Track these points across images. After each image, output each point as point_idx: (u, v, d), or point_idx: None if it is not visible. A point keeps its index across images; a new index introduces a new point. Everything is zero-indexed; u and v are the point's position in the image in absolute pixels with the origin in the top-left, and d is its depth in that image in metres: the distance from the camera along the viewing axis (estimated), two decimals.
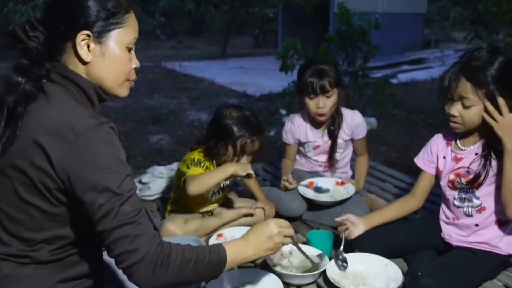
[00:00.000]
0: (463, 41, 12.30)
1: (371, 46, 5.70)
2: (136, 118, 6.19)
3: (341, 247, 1.86)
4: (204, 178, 1.95)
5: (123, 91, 1.29)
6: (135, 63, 1.29)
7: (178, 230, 2.03)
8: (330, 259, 1.87)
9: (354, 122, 2.46)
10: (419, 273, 1.65)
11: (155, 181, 2.66)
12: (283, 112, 6.25)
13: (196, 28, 18.92)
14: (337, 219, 1.96)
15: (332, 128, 2.44)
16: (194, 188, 1.94)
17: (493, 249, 1.78)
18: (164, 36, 18.21)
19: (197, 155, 2.10)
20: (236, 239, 1.37)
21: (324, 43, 5.72)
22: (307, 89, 2.31)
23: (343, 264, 1.81)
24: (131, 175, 1.13)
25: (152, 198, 2.64)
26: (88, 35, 1.18)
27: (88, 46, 1.19)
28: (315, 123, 2.47)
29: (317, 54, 5.77)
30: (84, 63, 1.20)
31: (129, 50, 1.25)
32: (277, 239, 1.35)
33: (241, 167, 1.94)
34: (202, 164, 2.06)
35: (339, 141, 2.47)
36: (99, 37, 1.19)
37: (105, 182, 1.07)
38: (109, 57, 1.21)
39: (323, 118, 2.37)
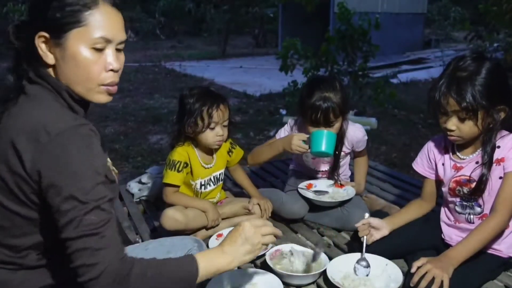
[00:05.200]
0: (463, 40, 12.30)
1: (371, 46, 5.71)
2: (136, 118, 6.18)
3: (363, 253, 1.82)
4: (181, 199, 2.14)
5: (98, 97, 1.18)
6: (111, 65, 1.16)
7: (178, 214, 2.06)
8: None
9: (355, 138, 2.37)
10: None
11: (154, 181, 2.66)
12: (283, 112, 6.24)
13: (196, 28, 18.93)
14: (358, 224, 1.90)
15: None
16: (169, 200, 2.14)
17: (494, 252, 1.77)
18: (164, 36, 18.21)
19: (174, 154, 2.13)
20: (213, 248, 1.29)
21: (324, 43, 5.72)
22: (310, 119, 2.16)
23: (366, 269, 1.77)
24: (104, 183, 1.07)
25: (151, 198, 2.63)
26: (45, 37, 1.11)
27: (51, 48, 1.13)
28: None
29: (317, 54, 5.78)
30: (50, 65, 1.14)
31: (98, 50, 1.14)
32: (254, 239, 1.24)
33: (213, 213, 2.14)
34: (177, 165, 2.11)
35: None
36: (56, 38, 1.11)
37: (71, 188, 1.01)
38: (69, 60, 1.12)
39: None
